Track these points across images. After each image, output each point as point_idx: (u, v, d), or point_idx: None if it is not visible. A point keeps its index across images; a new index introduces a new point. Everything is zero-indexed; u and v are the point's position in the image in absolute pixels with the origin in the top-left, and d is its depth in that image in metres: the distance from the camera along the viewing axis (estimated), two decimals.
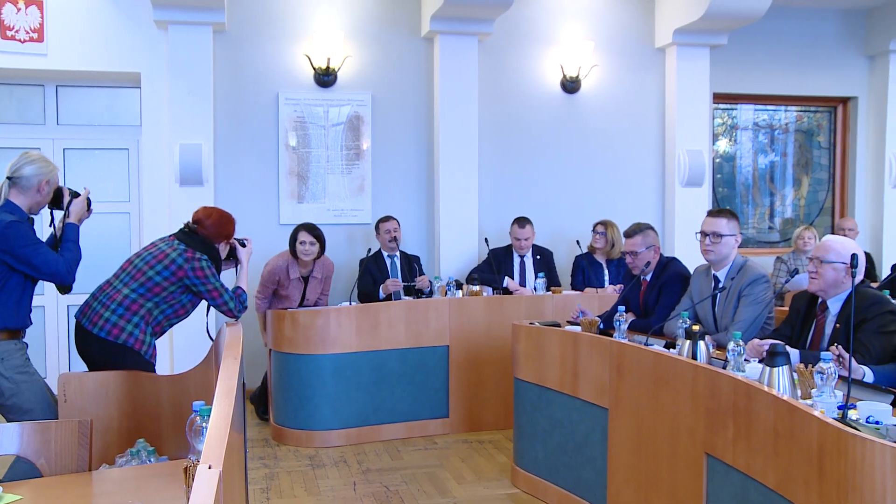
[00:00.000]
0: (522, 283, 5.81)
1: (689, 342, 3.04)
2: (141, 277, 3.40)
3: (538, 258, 5.89)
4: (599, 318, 4.02)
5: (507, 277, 5.73)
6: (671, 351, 3.14)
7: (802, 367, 2.64)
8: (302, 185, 6.13)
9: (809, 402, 2.40)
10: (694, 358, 2.98)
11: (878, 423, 2.22)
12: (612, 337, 3.51)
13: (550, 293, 5.39)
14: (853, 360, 2.72)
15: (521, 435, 4.13)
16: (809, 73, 7.25)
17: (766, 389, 2.41)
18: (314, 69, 6.07)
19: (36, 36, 5.51)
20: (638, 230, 4.25)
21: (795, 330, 3.43)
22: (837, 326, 3.21)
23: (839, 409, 2.32)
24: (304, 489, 4.12)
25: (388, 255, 5.74)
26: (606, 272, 5.88)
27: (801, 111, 7.52)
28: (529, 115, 6.56)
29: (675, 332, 3.59)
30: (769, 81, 7.17)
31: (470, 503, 3.92)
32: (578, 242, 6.06)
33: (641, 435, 3.17)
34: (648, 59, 6.78)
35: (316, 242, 5.12)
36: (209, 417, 1.89)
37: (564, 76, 6.56)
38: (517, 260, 5.87)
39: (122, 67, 5.72)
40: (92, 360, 3.40)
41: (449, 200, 6.19)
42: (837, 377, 2.45)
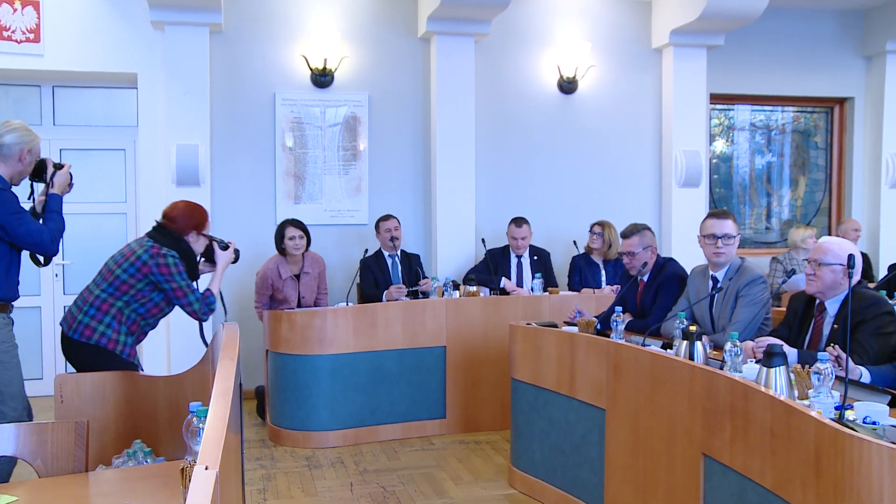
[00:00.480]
0: (519, 283, 5.81)
1: (686, 343, 3.03)
2: (110, 277, 3.38)
3: (535, 259, 5.89)
4: (596, 318, 4.00)
5: (503, 278, 5.73)
6: (668, 352, 3.13)
7: (799, 367, 2.64)
8: (299, 185, 6.12)
9: (806, 402, 2.40)
10: (691, 358, 2.97)
11: (875, 423, 2.22)
12: (609, 338, 3.50)
13: (547, 294, 5.39)
14: (850, 360, 2.72)
15: (518, 436, 4.13)
16: (806, 73, 7.25)
17: (763, 390, 2.41)
18: (311, 70, 6.07)
19: (32, 36, 5.50)
20: (635, 231, 4.26)
21: (793, 331, 3.43)
22: (835, 327, 3.21)
23: (836, 409, 2.32)
24: (301, 490, 4.11)
25: (388, 254, 5.74)
26: (603, 273, 5.88)
27: (797, 112, 7.53)
28: (526, 115, 6.56)
29: (672, 332, 3.58)
30: (766, 82, 7.17)
31: None
32: (575, 243, 6.06)
33: (638, 435, 3.17)
34: (645, 59, 6.79)
35: (304, 236, 5.28)
36: (206, 418, 1.88)
37: (561, 77, 6.56)
38: (514, 260, 5.87)
39: (118, 68, 5.71)
40: (74, 364, 3.39)
41: (446, 201, 6.19)
42: (834, 378, 2.45)
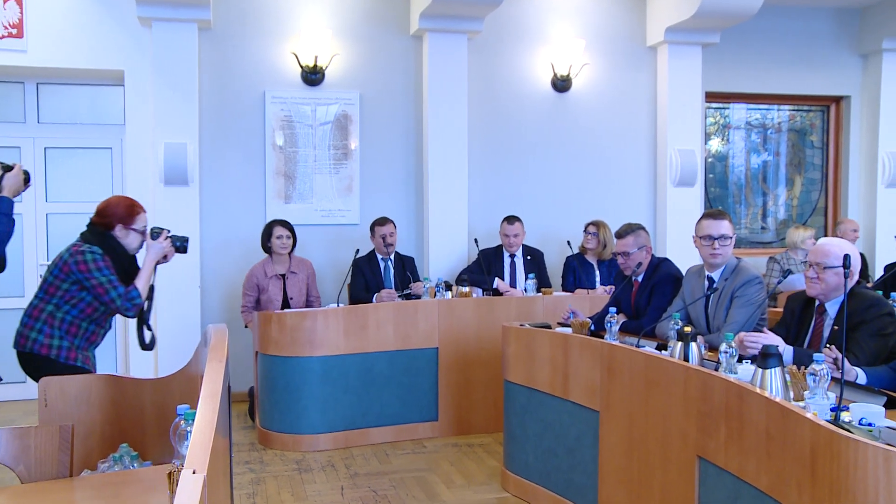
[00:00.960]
0: (513, 283, 5.75)
1: (680, 344, 3.02)
2: (43, 283, 3.35)
3: (528, 259, 5.84)
4: (590, 319, 3.99)
5: (497, 278, 5.68)
6: (663, 353, 3.12)
7: (795, 368, 2.63)
8: (289, 184, 6.06)
9: (802, 404, 2.38)
10: (686, 360, 2.96)
11: (870, 425, 2.21)
12: (603, 338, 3.48)
13: (541, 294, 5.34)
14: (846, 361, 2.70)
15: (511, 438, 4.08)
16: (802, 71, 7.22)
17: (758, 391, 2.40)
18: (301, 67, 6.00)
19: (15, 31, 5.41)
20: (629, 230, 4.23)
21: (791, 331, 3.41)
22: (835, 328, 3.19)
23: (832, 410, 2.31)
24: (290, 494, 4.05)
25: (381, 257, 5.68)
26: (598, 273, 5.83)
27: (793, 110, 7.49)
28: (520, 114, 6.51)
29: (666, 333, 3.57)
30: (762, 80, 7.14)
31: None
32: (569, 243, 6.00)
33: (633, 437, 3.14)
34: (640, 57, 6.74)
35: (291, 236, 5.39)
36: (193, 421, 1.87)
37: (555, 75, 6.51)
38: (507, 260, 5.82)
39: (104, 65, 5.64)
40: (28, 375, 3.34)
41: (438, 200, 6.13)
42: (830, 379, 2.44)
